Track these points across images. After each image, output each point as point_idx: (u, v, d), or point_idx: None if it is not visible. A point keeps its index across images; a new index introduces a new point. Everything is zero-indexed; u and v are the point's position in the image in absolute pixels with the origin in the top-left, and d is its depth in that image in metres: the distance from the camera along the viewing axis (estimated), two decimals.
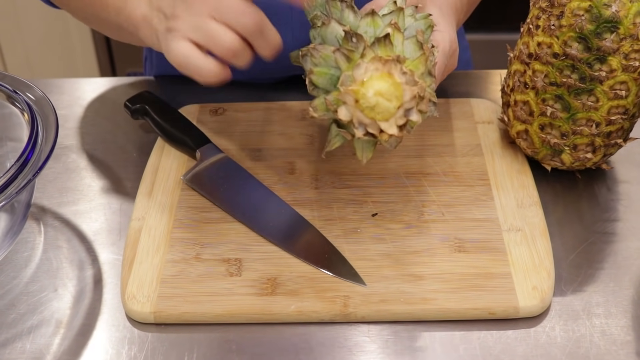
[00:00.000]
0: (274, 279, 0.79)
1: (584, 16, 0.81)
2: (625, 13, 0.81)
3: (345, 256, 0.81)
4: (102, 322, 0.78)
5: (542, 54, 0.84)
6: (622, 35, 0.81)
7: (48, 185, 0.94)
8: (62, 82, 1.13)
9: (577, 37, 0.82)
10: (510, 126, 0.92)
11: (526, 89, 0.87)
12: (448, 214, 0.86)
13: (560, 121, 0.85)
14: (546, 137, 0.87)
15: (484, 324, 0.76)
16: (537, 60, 0.85)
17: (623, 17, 0.81)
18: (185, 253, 0.82)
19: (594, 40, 0.81)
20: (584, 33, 0.81)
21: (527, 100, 0.88)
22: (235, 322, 0.77)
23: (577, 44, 0.82)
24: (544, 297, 0.77)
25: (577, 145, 0.87)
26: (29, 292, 0.81)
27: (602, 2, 0.81)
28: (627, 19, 0.81)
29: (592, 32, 0.81)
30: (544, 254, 0.81)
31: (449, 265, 0.80)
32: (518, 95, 0.89)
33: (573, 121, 0.85)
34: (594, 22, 0.81)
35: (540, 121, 0.87)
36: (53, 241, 0.87)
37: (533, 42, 0.85)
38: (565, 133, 0.86)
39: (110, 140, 1.01)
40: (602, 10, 0.81)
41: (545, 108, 0.86)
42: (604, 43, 0.81)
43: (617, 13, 0.81)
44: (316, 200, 0.88)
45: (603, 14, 0.81)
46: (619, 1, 0.81)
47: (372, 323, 0.77)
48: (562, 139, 0.87)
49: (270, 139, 0.97)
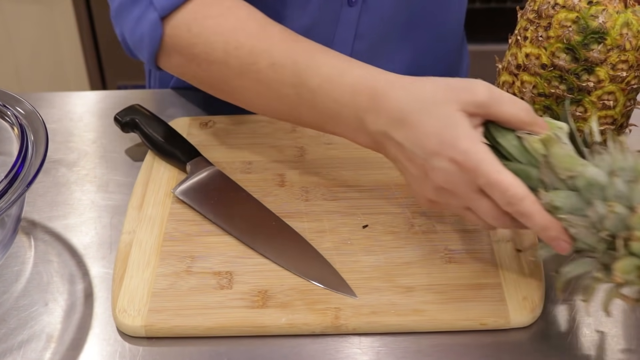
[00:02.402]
0: (265, 292, 0.79)
1: (571, 27, 0.82)
2: (612, 24, 0.81)
3: (336, 268, 0.81)
4: (93, 336, 0.78)
5: (531, 65, 0.84)
6: (609, 46, 0.81)
7: (38, 199, 0.94)
8: (52, 95, 1.13)
9: (564, 48, 0.82)
10: None
11: None
12: (438, 225, 0.86)
13: None
14: None
15: (475, 335, 0.76)
16: (525, 71, 0.85)
17: (610, 28, 0.81)
18: (176, 266, 0.82)
19: (581, 51, 0.82)
20: (572, 44, 0.82)
21: None
22: (227, 335, 0.77)
23: (565, 55, 0.82)
24: (535, 307, 0.77)
25: None
26: (20, 307, 0.81)
27: (589, 13, 0.82)
28: (613, 30, 0.81)
29: (580, 43, 0.82)
30: (534, 264, 0.81)
31: (440, 276, 0.80)
32: None
33: None
34: (581, 33, 0.82)
35: None
36: (43, 255, 0.87)
37: (521, 53, 0.86)
38: None
39: (100, 154, 1.01)
40: (589, 21, 0.81)
41: None
42: (592, 54, 0.82)
43: (604, 24, 0.81)
44: (306, 213, 0.88)
45: (590, 25, 0.81)
46: (605, 12, 0.81)
47: (363, 335, 0.77)
48: None
49: (260, 152, 0.97)
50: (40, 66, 2.26)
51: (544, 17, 0.84)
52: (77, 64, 2.24)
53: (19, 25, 2.18)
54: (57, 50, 2.22)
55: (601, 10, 0.81)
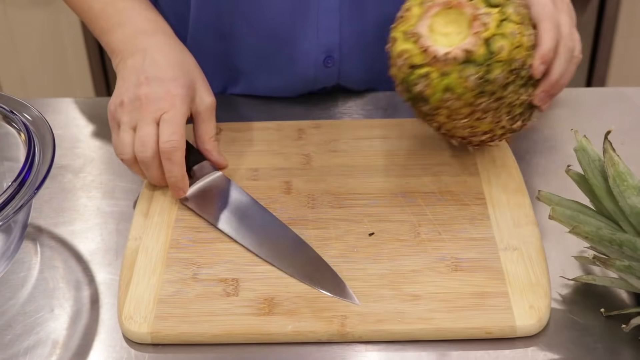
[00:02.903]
0: (271, 299, 0.79)
1: (399, 86, 0.85)
2: (432, 91, 0.83)
3: (342, 276, 0.81)
4: (99, 343, 0.78)
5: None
6: (434, 106, 0.84)
7: (44, 206, 0.94)
8: (58, 101, 1.13)
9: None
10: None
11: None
12: (444, 233, 0.86)
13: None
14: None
15: (481, 344, 0.76)
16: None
17: (430, 95, 0.83)
18: (182, 273, 0.82)
19: (415, 103, 0.86)
20: (406, 97, 0.86)
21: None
22: (233, 342, 0.77)
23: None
24: (541, 316, 0.77)
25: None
26: (26, 313, 0.81)
27: (411, 78, 0.83)
28: (434, 96, 0.83)
29: (410, 99, 0.85)
30: (540, 272, 0.81)
31: (446, 284, 0.80)
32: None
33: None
34: (408, 93, 0.85)
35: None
36: (49, 261, 0.87)
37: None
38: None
39: (106, 160, 1.01)
40: (411, 86, 0.83)
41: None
42: (423, 109, 0.85)
43: (424, 92, 0.83)
44: (313, 220, 0.88)
45: (412, 90, 0.83)
46: (425, 79, 0.82)
47: (369, 343, 0.77)
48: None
49: (266, 159, 0.97)
50: (45, 72, 2.26)
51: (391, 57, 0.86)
52: (82, 69, 2.24)
53: (24, 30, 2.18)
54: (62, 56, 2.22)
55: (422, 76, 0.82)
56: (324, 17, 1.05)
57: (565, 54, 0.86)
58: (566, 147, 1.00)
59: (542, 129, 1.06)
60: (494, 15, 0.82)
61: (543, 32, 0.85)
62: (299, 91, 1.11)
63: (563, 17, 0.87)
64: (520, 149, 1.01)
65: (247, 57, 1.10)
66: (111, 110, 0.92)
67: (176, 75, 0.91)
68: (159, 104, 0.89)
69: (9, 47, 2.21)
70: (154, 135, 0.88)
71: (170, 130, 0.88)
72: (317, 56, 1.07)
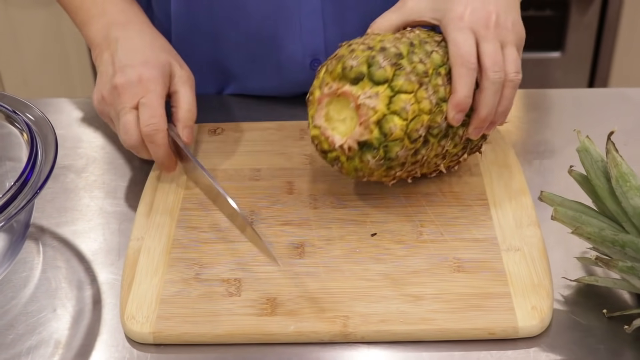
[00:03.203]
0: (274, 299, 0.79)
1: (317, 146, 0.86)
2: (346, 171, 0.85)
3: (345, 276, 0.81)
4: (101, 343, 0.78)
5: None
6: (358, 178, 0.86)
7: (47, 205, 0.94)
8: (61, 101, 1.13)
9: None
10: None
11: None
12: (447, 234, 0.86)
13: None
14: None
15: (483, 344, 0.76)
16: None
17: (346, 174, 0.85)
18: (184, 273, 0.82)
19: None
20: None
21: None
22: (235, 342, 0.77)
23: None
24: (543, 316, 0.77)
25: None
26: (28, 313, 0.81)
27: (326, 160, 0.86)
28: (350, 175, 0.85)
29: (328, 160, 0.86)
30: (542, 273, 0.81)
31: (448, 285, 0.80)
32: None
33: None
34: (324, 155, 0.86)
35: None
36: (52, 261, 0.87)
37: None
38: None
39: (109, 160, 1.01)
40: (332, 165, 0.86)
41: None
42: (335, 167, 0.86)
43: (341, 171, 0.86)
44: (315, 220, 0.88)
45: (328, 157, 0.85)
46: (337, 162, 0.84)
47: (371, 343, 0.77)
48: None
49: (268, 159, 0.97)
50: (47, 72, 2.26)
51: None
52: (84, 69, 2.24)
53: (27, 30, 2.18)
54: (64, 56, 2.22)
55: (334, 159, 0.84)
56: (306, 21, 1.05)
57: (491, 87, 0.83)
58: (568, 148, 1.00)
59: (544, 130, 1.06)
60: (382, 95, 0.81)
61: (456, 79, 0.82)
62: (291, 93, 1.11)
63: (487, 46, 0.83)
64: (522, 150, 1.01)
65: (237, 59, 1.10)
66: (97, 108, 0.93)
67: (147, 59, 0.92)
68: (134, 90, 0.90)
69: (11, 47, 2.21)
70: (134, 122, 0.90)
71: (148, 114, 0.89)
72: (303, 59, 1.07)
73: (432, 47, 0.84)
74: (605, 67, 2.17)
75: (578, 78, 2.20)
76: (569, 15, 2.09)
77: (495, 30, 0.84)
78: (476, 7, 0.85)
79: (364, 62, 0.81)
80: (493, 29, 0.84)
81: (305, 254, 0.84)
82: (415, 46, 0.84)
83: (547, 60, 2.14)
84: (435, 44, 0.85)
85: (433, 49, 0.84)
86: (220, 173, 0.95)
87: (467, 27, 0.84)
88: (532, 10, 2.09)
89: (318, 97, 0.84)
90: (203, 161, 0.96)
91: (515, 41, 0.86)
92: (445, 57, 0.84)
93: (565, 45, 2.13)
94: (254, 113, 1.09)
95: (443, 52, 0.84)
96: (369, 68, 0.81)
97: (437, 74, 0.83)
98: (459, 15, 0.84)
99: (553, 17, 2.10)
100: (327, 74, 0.84)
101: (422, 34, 0.87)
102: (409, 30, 0.88)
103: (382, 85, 0.81)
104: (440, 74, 0.83)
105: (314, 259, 0.84)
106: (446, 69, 0.84)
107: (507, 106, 0.85)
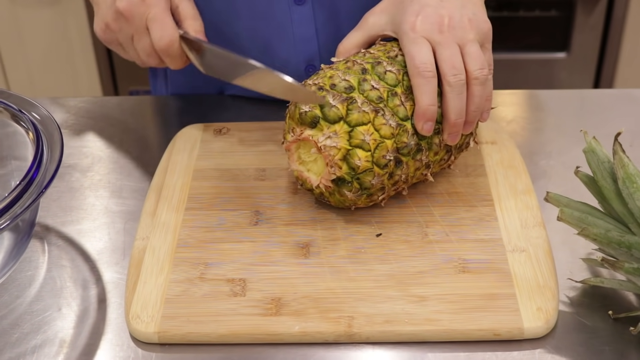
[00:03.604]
0: (278, 300, 0.79)
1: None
2: (334, 203, 0.87)
3: (350, 276, 0.81)
4: (106, 342, 0.78)
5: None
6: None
7: (52, 204, 0.94)
8: (66, 100, 1.14)
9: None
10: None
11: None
12: (452, 235, 0.86)
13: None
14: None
15: (488, 345, 0.76)
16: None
17: (335, 205, 0.88)
18: (189, 273, 0.82)
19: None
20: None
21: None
22: (240, 342, 0.77)
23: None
24: (549, 318, 0.77)
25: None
26: (33, 312, 0.81)
27: (315, 195, 0.87)
28: (338, 205, 0.87)
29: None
30: (548, 274, 0.81)
31: (453, 286, 0.80)
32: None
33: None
34: (310, 192, 0.88)
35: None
36: (57, 260, 0.87)
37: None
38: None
39: (114, 159, 1.01)
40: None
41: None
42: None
43: (329, 203, 0.88)
44: (320, 221, 0.88)
45: (314, 193, 0.87)
46: (323, 195, 0.86)
47: (376, 344, 0.77)
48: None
49: (274, 159, 0.97)
50: (52, 71, 2.27)
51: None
52: (90, 69, 2.24)
53: (32, 29, 2.19)
54: (69, 55, 2.23)
55: (320, 194, 0.86)
56: (299, 29, 1.05)
57: (452, 91, 0.82)
58: (574, 149, 1.00)
59: (549, 130, 1.05)
60: (340, 132, 0.82)
61: (415, 89, 0.82)
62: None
63: (442, 51, 0.83)
64: (527, 151, 1.00)
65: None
66: (102, 37, 0.94)
67: None
68: (139, 10, 0.91)
69: (16, 46, 2.21)
70: (150, 44, 0.92)
71: (158, 28, 0.90)
72: (297, 65, 1.07)
73: (385, 67, 0.84)
74: (610, 67, 2.17)
75: (583, 79, 2.19)
76: (575, 16, 2.09)
77: (450, 32, 0.84)
78: (428, 14, 0.85)
79: (315, 105, 0.83)
80: (447, 32, 0.84)
81: (310, 254, 0.84)
82: (367, 72, 0.84)
83: (552, 60, 2.13)
84: (389, 61, 0.85)
85: (386, 68, 0.84)
86: (226, 173, 0.95)
87: (420, 36, 0.84)
88: (537, 11, 2.09)
89: (286, 144, 0.86)
90: (207, 161, 0.96)
91: (476, 37, 0.85)
92: (402, 71, 0.84)
93: (570, 45, 2.13)
94: (259, 113, 1.09)
95: (399, 67, 0.85)
96: (322, 110, 0.83)
97: (393, 95, 0.83)
98: (411, 25, 0.85)
99: (559, 17, 2.10)
100: (290, 119, 0.86)
101: (378, 51, 0.87)
102: (362, 52, 0.89)
103: (337, 123, 0.82)
104: (397, 94, 0.83)
105: (318, 259, 0.84)
106: (403, 86, 0.84)
107: (478, 104, 0.85)
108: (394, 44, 0.89)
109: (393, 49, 0.87)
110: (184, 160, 0.97)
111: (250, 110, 1.10)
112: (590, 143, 0.78)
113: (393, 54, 0.86)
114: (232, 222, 0.88)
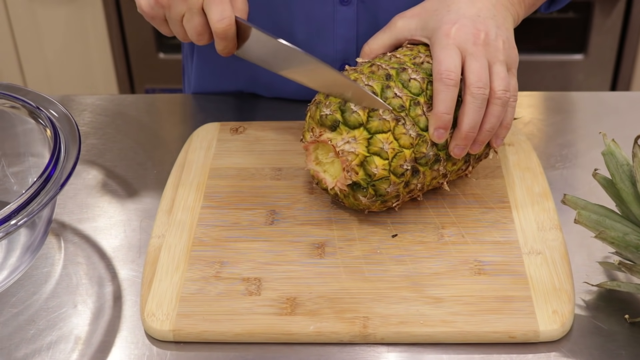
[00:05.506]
0: (294, 299, 0.79)
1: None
2: (348, 204, 0.87)
3: (365, 277, 0.81)
4: (121, 339, 0.78)
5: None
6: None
7: (68, 202, 0.94)
8: (84, 98, 1.14)
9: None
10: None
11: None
12: (468, 236, 0.86)
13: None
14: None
15: (503, 348, 0.76)
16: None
17: (349, 207, 0.88)
18: (204, 271, 0.82)
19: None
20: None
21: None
22: (254, 341, 0.77)
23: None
24: (565, 321, 0.76)
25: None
26: (49, 308, 0.81)
27: (330, 195, 0.87)
28: (353, 207, 0.87)
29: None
30: (564, 277, 0.81)
31: (469, 287, 0.80)
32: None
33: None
34: (325, 192, 0.88)
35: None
36: (73, 257, 0.87)
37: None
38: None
39: (130, 157, 1.02)
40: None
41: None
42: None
43: (344, 204, 0.88)
44: (336, 221, 0.88)
45: (330, 193, 0.87)
46: (337, 196, 0.86)
47: (391, 345, 0.77)
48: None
49: (290, 158, 0.97)
50: (69, 68, 2.28)
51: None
52: (106, 66, 2.25)
53: (49, 27, 2.20)
54: (86, 53, 2.23)
55: (335, 194, 0.86)
56: (340, 29, 1.04)
57: (472, 101, 0.82)
58: (591, 151, 0.99)
59: (566, 132, 1.05)
60: (359, 138, 0.82)
61: (434, 94, 0.82)
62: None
63: (472, 62, 0.83)
64: (544, 153, 1.00)
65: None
66: (147, 12, 0.89)
67: None
68: None
69: (34, 43, 2.22)
70: (205, 23, 0.86)
71: (218, 10, 0.85)
72: (333, 63, 1.07)
73: (410, 74, 0.84)
74: (628, 70, 2.16)
75: (601, 81, 2.19)
76: (592, 18, 2.08)
77: (484, 47, 0.84)
78: (465, 24, 0.85)
79: (337, 109, 0.83)
80: (481, 46, 0.84)
81: (326, 254, 0.84)
82: (392, 78, 0.84)
83: (570, 62, 2.12)
84: (414, 68, 0.85)
85: (411, 76, 0.84)
86: (242, 172, 0.95)
87: (453, 43, 0.84)
88: (555, 13, 2.08)
89: (305, 143, 0.86)
90: (223, 160, 0.96)
91: (505, 60, 0.85)
92: (426, 80, 0.84)
93: (588, 47, 2.12)
94: (276, 112, 1.09)
95: (424, 75, 0.84)
96: (343, 114, 0.82)
97: (415, 104, 0.83)
98: (446, 32, 0.84)
99: (576, 19, 2.09)
100: (310, 118, 0.86)
101: (404, 56, 0.87)
102: (389, 55, 0.88)
103: (357, 129, 0.82)
104: (419, 103, 0.83)
105: (334, 259, 0.83)
106: (427, 96, 0.83)
107: (494, 124, 0.84)
108: (422, 48, 0.88)
109: (420, 55, 0.87)
110: (200, 159, 0.97)
111: (266, 109, 1.10)
112: (609, 145, 0.77)
113: (419, 60, 0.86)
114: (248, 221, 0.88)
